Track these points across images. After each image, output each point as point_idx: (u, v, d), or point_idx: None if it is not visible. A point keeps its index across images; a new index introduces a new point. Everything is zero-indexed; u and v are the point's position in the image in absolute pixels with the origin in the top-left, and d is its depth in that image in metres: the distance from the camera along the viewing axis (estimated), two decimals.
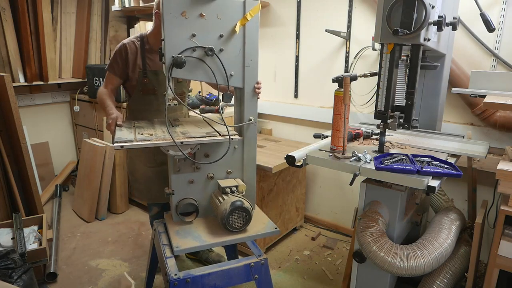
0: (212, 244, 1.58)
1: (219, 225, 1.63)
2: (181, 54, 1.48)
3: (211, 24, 1.53)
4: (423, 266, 1.40)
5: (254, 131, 1.74)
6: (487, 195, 2.17)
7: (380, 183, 1.55)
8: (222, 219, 1.55)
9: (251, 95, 1.69)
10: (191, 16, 1.49)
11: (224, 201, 1.58)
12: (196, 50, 1.52)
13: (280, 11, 2.93)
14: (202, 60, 1.53)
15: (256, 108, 1.73)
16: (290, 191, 2.78)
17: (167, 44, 1.48)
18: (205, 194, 1.73)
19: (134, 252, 2.67)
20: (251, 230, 1.65)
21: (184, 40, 1.50)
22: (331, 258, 2.62)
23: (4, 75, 2.33)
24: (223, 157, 1.63)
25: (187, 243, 1.54)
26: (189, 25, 1.50)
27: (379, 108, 1.51)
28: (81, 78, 3.65)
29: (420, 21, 1.32)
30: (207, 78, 1.58)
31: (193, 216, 1.69)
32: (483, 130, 2.19)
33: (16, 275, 1.83)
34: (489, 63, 2.10)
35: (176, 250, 1.50)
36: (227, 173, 1.75)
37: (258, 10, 1.59)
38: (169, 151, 1.54)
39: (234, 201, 1.56)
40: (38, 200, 2.58)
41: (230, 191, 1.64)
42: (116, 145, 1.39)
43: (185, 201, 1.67)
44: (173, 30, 1.48)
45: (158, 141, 1.47)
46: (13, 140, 2.51)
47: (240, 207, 1.56)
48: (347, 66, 2.65)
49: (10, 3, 3.10)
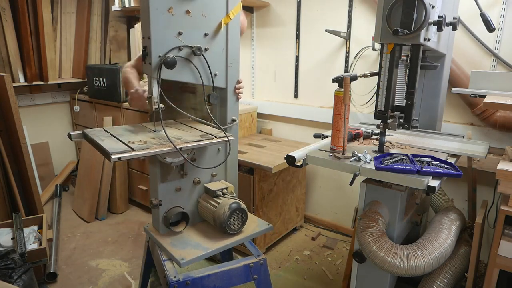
0: (216, 250, 1.53)
1: (212, 230, 1.62)
2: (168, 53, 1.41)
3: (197, 22, 1.48)
4: (423, 266, 1.40)
5: (236, 131, 1.74)
6: (487, 195, 2.17)
7: (380, 183, 1.54)
8: (221, 223, 1.52)
9: (233, 95, 1.69)
10: (177, 13, 1.42)
11: (221, 204, 1.54)
12: (182, 49, 1.45)
13: (280, 11, 2.93)
14: (189, 60, 1.48)
15: (237, 108, 1.73)
16: (290, 191, 2.78)
17: (154, 42, 1.38)
18: (191, 200, 1.66)
19: (134, 252, 2.67)
20: (246, 231, 1.64)
21: (171, 38, 1.43)
22: (331, 258, 2.62)
23: (4, 75, 2.33)
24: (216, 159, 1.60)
25: (190, 253, 1.48)
26: (175, 22, 1.42)
27: (379, 108, 1.51)
28: (81, 78, 3.65)
29: (420, 21, 1.32)
30: (193, 79, 1.53)
31: (183, 225, 1.62)
32: (483, 130, 2.19)
33: (16, 275, 1.83)
34: (489, 63, 2.10)
35: (183, 262, 1.43)
36: (212, 176, 1.71)
37: (240, 9, 1.58)
38: (166, 159, 1.44)
39: (231, 204, 1.53)
40: (38, 200, 2.58)
41: (222, 193, 1.62)
42: (114, 157, 1.25)
43: (174, 210, 1.57)
44: (160, 27, 1.39)
45: (157, 148, 1.35)
46: (13, 140, 2.51)
47: (239, 208, 1.55)
48: (347, 66, 2.65)
49: (10, 3, 3.10)
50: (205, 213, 1.63)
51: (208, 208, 1.59)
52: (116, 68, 3.13)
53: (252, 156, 2.49)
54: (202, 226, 1.69)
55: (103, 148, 1.32)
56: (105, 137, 1.46)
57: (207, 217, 1.64)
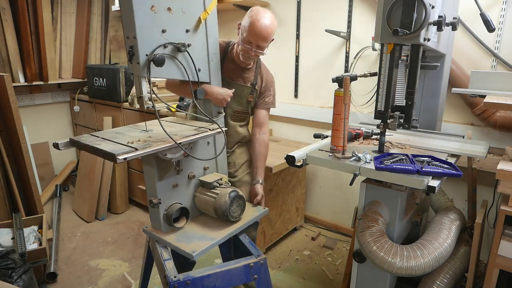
0: (223, 238, 1.58)
1: (212, 221, 1.66)
2: (154, 51, 1.41)
3: (178, 19, 1.50)
4: (423, 266, 1.40)
5: (222, 123, 1.79)
6: (487, 195, 2.17)
7: (380, 183, 1.54)
8: (223, 212, 1.57)
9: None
10: (159, 10, 1.43)
11: (220, 194, 1.59)
12: (167, 47, 1.46)
13: (280, 11, 2.93)
14: (175, 57, 1.49)
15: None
16: (290, 191, 2.78)
17: (140, 41, 1.37)
18: (188, 196, 1.68)
19: (134, 252, 2.67)
20: (245, 217, 1.69)
21: (156, 36, 1.43)
22: (331, 258, 2.62)
23: (4, 75, 2.33)
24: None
25: (199, 245, 1.50)
26: (159, 20, 1.44)
27: (379, 108, 1.51)
28: (81, 78, 3.65)
29: (420, 21, 1.32)
30: (180, 75, 1.55)
31: (183, 221, 1.64)
32: (483, 130, 2.19)
33: (16, 275, 1.83)
34: (489, 63, 2.10)
35: (195, 255, 1.44)
36: (204, 169, 1.74)
37: (215, 5, 1.62)
38: (167, 155, 1.46)
39: (230, 192, 1.58)
40: (38, 200, 2.58)
41: (218, 184, 1.66)
42: (120, 158, 1.25)
43: (174, 207, 1.58)
44: (145, 26, 1.39)
45: (159, 145, 1.38)
46: (13, 140, 2.51)
47: (238, 196, 1.61)
48: (347, 66, 2.65)
49: (10, 3, 3.10)
50: (204, 206, 1.66)
51: (208, 200, 1.62)
52: (116, 68, 3.13)
53: None
54: (201, 219, 1.72)
55: (104, 151, 1.32)
56: (99, 141, 1.45)
57: (206, 209, 1.67)
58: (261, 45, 1.71)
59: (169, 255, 1.54)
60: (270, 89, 1.94)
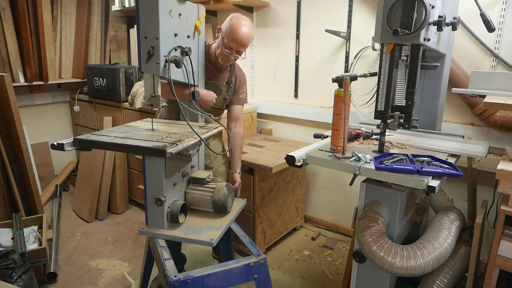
0: (228, 225, 1.68)
1: (207, 214, 1.73)
2: (169, 53, 1.50)
3: (184, 25, 1.61)
4: (423, 266, 1.40)
5: (203, 121, 1.91)
6: (487, 195, 2.17)
7: (380, 183, 1.54)
8: (223, 204, 1.66)
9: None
10: (174, 15, 1.53)
11: (217, 188, 1.68)
12: (177, 50, 1.56)
13: (280, 11, 2.93)
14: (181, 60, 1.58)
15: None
16: (290, 191, 2.78)
17: (162, 43, 1.47)
18: (181, 193, 1.73)
19: (134, 252, 2.67)
20: (233, 210, 1.79)
21: (172, 39, 1.54)
22: (331, 258, 2.62)
23: (4, 75, 2.33)
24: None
25: (212, 234, 1.57)
26: (173, 24, 1.54)
27: (379, 108, 1.51)
28: (81, 78, 3.65)
29: (420, 21, 1.32)
30: (182, 78, 1.65)
31: (183, 216, 1.68)
32: (483, 130, 2.19)
33: (16, 275, 1.83)
34: (489, 63, 2.10)
35: (213, 241, 1.52)
36: (192, 167, 1.80)
37: (205, 14, 1.77)
38: (189, 151, 1.59)
39: (225, 186, 1.69)
40: (38, 200, 2.58)
41: (211, 180, 1.76)
42: (169, 151, 1.34)
43: (176, 204, 1.63)
44: (165, 29, 1.49)
45: (190, 142, 1.52)
46: (13, 140, 2.51)
47: (231, 188, 1.75)
48: (347, 66, 2.65)
49: (10, 3, 3.10)
50: (199, 201, 1.73)
51: (204, 195, 1.70)
52: (116, 68, 3.13)
53: (252, 156, 2.50)
54: (196, 214, 1.76)
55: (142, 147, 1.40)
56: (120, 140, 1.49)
57: (201, 204, 1.73)
58: (241, 51, 1.86)
59: (169, 255, 1.54)
60: (243, 86, 2.10)
